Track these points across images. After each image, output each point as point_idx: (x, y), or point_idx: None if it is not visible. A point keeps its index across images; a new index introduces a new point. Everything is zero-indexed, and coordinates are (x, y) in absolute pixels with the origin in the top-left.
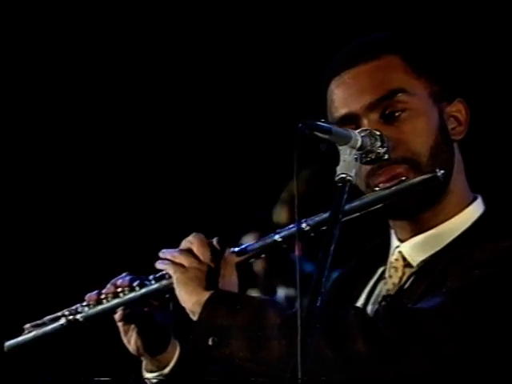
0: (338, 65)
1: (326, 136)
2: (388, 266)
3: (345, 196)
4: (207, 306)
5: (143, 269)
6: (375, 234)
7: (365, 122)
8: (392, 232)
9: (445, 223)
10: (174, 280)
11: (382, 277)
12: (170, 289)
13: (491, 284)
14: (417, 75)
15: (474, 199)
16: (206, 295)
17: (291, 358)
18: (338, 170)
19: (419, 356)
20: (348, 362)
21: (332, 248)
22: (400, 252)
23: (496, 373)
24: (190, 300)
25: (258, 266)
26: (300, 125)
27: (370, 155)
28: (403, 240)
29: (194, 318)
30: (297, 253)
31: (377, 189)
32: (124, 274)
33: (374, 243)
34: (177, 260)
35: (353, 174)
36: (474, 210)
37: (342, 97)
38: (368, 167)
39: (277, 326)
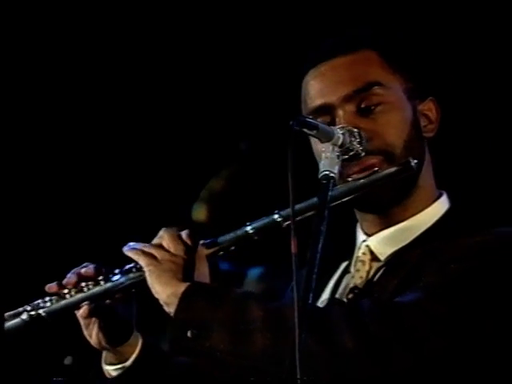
0: (315, 57)
1: (313, 132)
2: (354, 260)
3: (329, 193)
4: (185, 298)
5: (105, 263)
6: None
7: (340, 113)
8: (358, 226)
9: (413, 217)
10: (147, 272)
11: (346, 271)
12: (136, 282)
13: (468, 279)
14: (392, 71)
15: (440, 195)
16: (182, 287)
17: (275, 351)
18: (321, 166)
19: (404, 351)
20: (335, 357)
21: (320, 245)
22: (367, 246)
23: (478, 367)
24: (165, 292)
25: None
26: (292, 122)
27: (349, 153)
28: (370, 234)
29: (169, 309)
30: (293, 249)
31: (349, 179)
32: (85, 264)
33: (336, 239)
34: (148, 252)
35: (336, 170)
36: (441, 206)
37: (319, 88)
38: None
39: (260, 319)
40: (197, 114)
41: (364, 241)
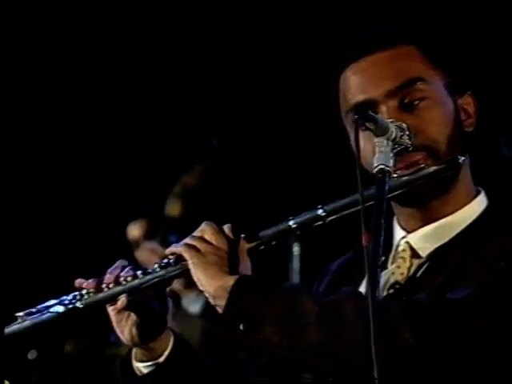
0: (354, 52)
1: (372, 126)
2: (393, 256)
3: (386, 186)
4: (235, 291)
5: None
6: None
7: (383, 109)
8: (395, 222)
9: (453, 214)
10: (191, 265)
11: (383, 266)
12: (175, 275)
13: None
14: (433, 66)
15: (478, 192)
16: (230, 280)
17: (332, 345)
18: (376, 161)
19: (461, 347)
20: (395, 351)
21: (382, 238)
22: (407, 242)
23: None
24: (213, 284)
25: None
26: (356, 116)
27: (398, 147)
28: (410, 230)
29: (217, 302)
30: (363, 242)
31: (395, 175)
32: (119, 262)
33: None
34: (192, 244)
35: (390, 164)
36: (480, 203)
37: (360, 83)
38: None
39: (314, 313)
40: (170, 110)
41: (403, 237)
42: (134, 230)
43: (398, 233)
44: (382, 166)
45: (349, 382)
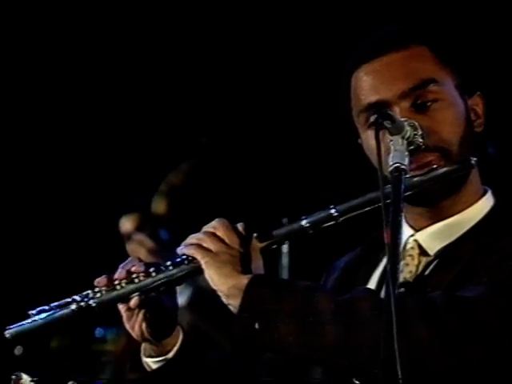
0: (367, 52)
1: (389, 125)
2: (401, 253)
3: (402, 185)
4: (249, 290)
5: None
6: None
7: (396, 109)
8: (403, 220)
9: (461, 213)
10: (204, 264)
11: None
12: (188, 274)
13: None
14: (444, 66)
15: (485, 191)
16: (244, 279)
17: (348, 344)
18: (391, 159)
19: (477, 345)
20: (411, 349)
21: (400, 236)
22: (416, 240)
23: None
24: (226, 283)
25: None
26: (376, 115)
27: (411, 146)
28: (418, 228)
29: (230, 301)
30: (386, 239)
31: (407, 176)
32: (130, 259)
33: (379, 231)
34: (203, 244)
35: (406, 162)
36: (487, 202)
37: (373, 84)
38: None
39: (330, 311)
40: (158, 109)
41: (412, 235)
42: (127, 224)
43: (406, 231)
44: (398, 165)
45: (364, 381)
